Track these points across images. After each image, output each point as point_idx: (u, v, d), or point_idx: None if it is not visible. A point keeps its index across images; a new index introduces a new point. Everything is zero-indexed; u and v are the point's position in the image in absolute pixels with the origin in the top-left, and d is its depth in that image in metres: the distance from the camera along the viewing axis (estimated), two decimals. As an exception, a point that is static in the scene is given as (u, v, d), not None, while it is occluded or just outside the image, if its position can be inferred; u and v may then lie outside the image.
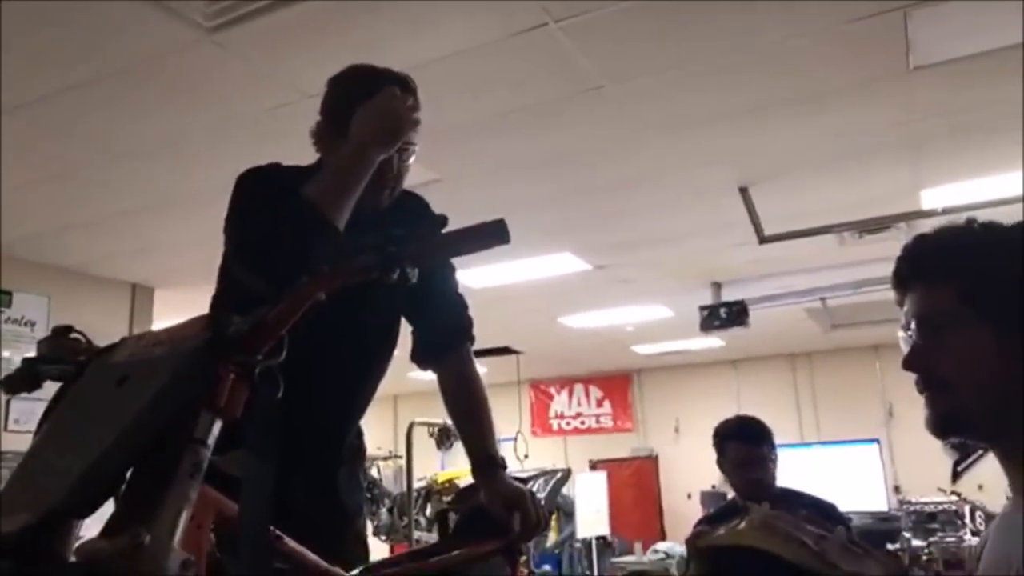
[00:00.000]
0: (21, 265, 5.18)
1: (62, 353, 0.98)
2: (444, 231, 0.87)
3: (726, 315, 6.07)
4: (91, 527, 0.76)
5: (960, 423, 0.95)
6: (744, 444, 2.70)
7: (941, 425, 0.96)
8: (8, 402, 4.92)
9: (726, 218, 4.92)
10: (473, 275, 6.01)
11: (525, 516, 1.37)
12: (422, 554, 1.27)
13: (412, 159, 1.55)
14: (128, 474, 0.76)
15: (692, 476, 9.77)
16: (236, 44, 2.93)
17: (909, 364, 0.97)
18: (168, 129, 3.60)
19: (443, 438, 5.21)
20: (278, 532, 0.98)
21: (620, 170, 4.27)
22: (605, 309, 7.29)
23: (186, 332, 0.86)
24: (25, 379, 0.98)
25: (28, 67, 3.05)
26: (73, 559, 0.70)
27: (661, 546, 7.80)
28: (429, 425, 5.45)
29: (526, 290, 6.43)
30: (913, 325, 0.98)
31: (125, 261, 5.46)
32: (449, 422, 5.29)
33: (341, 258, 0.86)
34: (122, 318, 5.67)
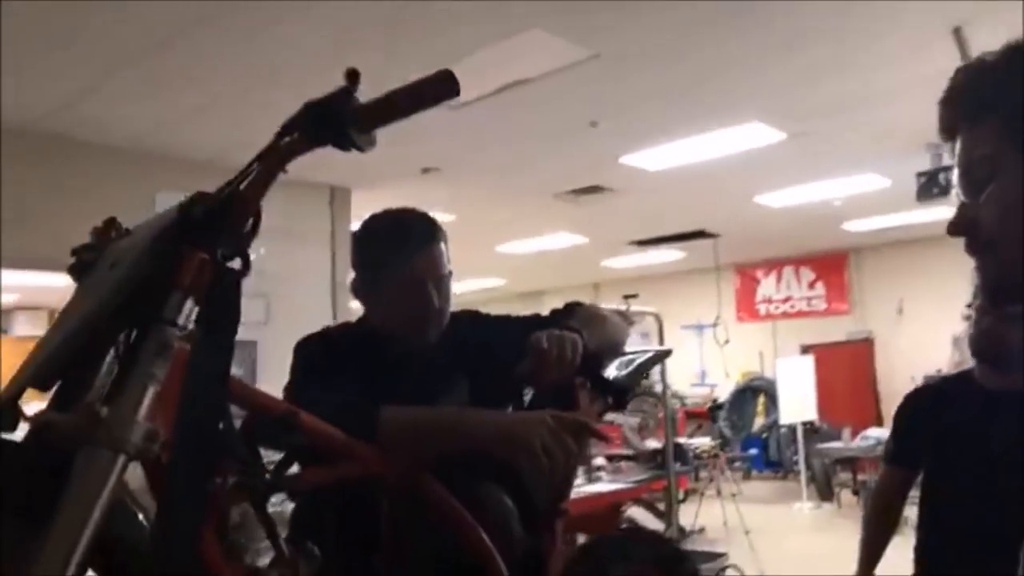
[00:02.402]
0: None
1: (102, 242, 1.03)
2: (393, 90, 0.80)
3: (946, 181, 5.37)
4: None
5: (1011, 289, 0.75)
6: None
7: (991, 295, 0.77)
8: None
9: (939, 67, 4.25)
10: (651, 156, 5.77)
11: (539, 349, 1.27)
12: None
13: (450, 286, 1.51)
14: (97, 353, 0.79)
15: (917, 359, 9.05)
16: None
17: (952, 228, 0.78)
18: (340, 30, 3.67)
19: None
20: (295, 408, 1.00)
21: (809, 20, 3.78)
22: (806, 183, 6.73)
23: (167, 216, 0.86)
24: (82, 266, 1.06)
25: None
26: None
27: (872, 432, 7.35)
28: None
29: (714, 168, 6.07)
30: (955, 178, 0.78)
31: (323, 164, 5.82)
32: (624, 307, 5.19)
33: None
34: (324, 218, 6.11)
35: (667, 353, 2.10)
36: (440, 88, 0.78)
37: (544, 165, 5.93)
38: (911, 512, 2.16)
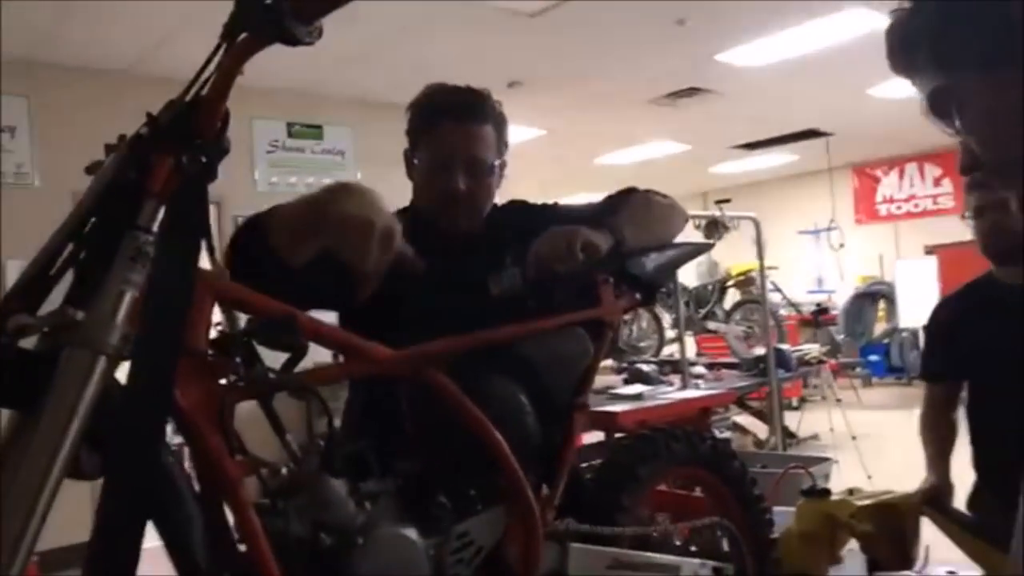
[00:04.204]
0: (329, 100, 5.79)
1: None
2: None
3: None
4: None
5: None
6: None
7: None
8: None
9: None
10: (749, 51, 5.45)
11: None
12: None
13: (494, 175, 1.44)
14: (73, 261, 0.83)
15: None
16: None
17: (963, 169, 0.77)
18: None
19: (712, 229, 5.01)
20: (295, 311, 1.03)
21: None
22: (925, 70, 6.18)
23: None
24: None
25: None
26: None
27: (1003, 335, 6.87)
28: (696, 217, 5.25)
29: (819, 60, 5.67)
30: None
31: (404, 88, 5.82)
32: (718, 213, 5.04)
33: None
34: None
35: (707, 247, 2.00)
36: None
37: (632, 70, 5.71)
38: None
